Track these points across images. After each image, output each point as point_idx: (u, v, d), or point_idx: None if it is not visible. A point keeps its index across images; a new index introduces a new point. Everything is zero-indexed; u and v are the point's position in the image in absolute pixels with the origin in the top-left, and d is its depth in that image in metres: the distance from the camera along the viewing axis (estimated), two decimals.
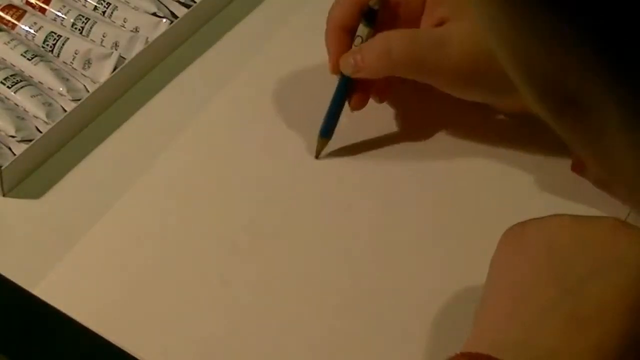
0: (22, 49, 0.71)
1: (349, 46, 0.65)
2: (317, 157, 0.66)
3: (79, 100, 0.68)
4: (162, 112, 0.70)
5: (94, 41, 0.72)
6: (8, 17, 0.74)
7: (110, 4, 0.75)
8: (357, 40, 0.65)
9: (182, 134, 0.69)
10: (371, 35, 0.64)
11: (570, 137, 0.27)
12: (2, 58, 0.71)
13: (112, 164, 0.67)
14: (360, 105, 0.66)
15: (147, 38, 0.73)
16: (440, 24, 0.63)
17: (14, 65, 0.71)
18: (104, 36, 0.72)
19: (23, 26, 0.73)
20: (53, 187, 0.65)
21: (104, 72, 0.71)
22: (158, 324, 0.59)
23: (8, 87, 0.69)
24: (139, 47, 0.72)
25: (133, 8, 0.75)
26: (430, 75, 0.64)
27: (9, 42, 0.71)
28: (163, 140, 0.68)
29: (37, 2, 0.75)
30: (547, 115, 0.27)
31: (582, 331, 0.48)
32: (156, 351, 0.58)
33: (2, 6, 0.74)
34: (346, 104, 0.66)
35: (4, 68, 0.70)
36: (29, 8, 0.75)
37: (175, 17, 0.75)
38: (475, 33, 0.61)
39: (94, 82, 0.70)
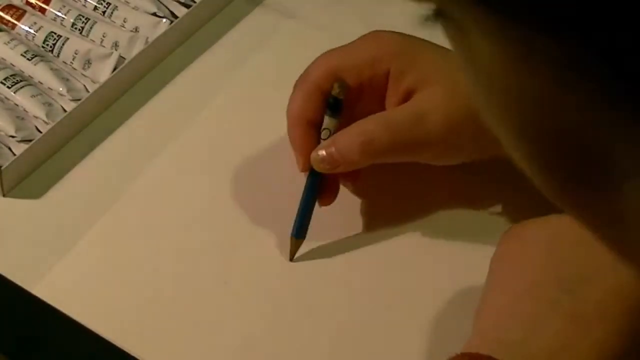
0: (22, 49, 0.71)
1: (316, 140, 0.61)
2: (291, 259, 0.62)
3: (79, 100, 0.68)
4: (162, 112, 0.70)
5: (94, 41, 0.72)
6: (8, 17, 0.74)
7: (110, 4, 0.75)
8: (325, 133, 0.60)
9: (182, 133, 0.69)
10: (337, 125, 0.60)
11: (562, 195, 0.25)
12: (2, 58, 0.71)
13: (112, 163, 0.67)
14: (331, 200, 0.62)
15: (147, 38, 0.73)
16: (408, 96, 0.60)
17: (14, 65, 0.71)
18: (104, 36, 0.72)
19: (23, 26, 0.73)
20: (53, 187, 0.65)
21: (104, 72, 0.71)
22: (158, 324, 0.59)
23: (8, 87, 0.69)
24: (139, 47, 0.72)
25: (133, 8, 0.75)
26: (414, 154, 0.60)
27: (9, 42, 0.71)
28: (163, 140, 0.68)
29: (37, 2, 0.75)
30: (538, 172, 0.25)
31: (583, 331, 0.48)
32: (156, 351, 0.58)
33: (2, 6, 0.74)
34: None
35: (4, 68, 0.70)
36: (29, 8, 0.75)
37: (175, 17, 0.74)
38: (444, 96, 0.58)
39: (94, 82, 0.70)
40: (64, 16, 0.74)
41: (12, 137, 0.66)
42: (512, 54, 0.22)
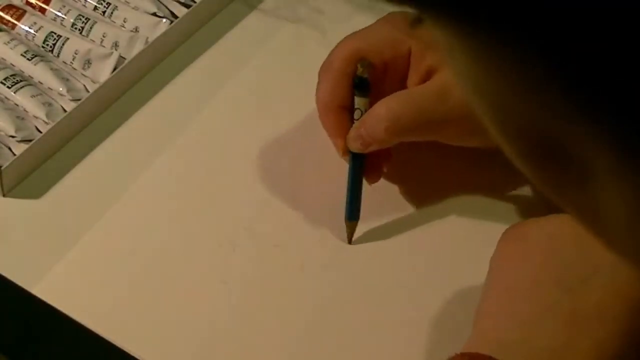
0: (22, 49, 0.71)
1: (349, 123, 0.62)
2: (350, 242, 0.63)
3: (79, 100, 0.68)
4: (162, 112, 0.70)
5: (94, 41, 0.72)
6: (8, 17, 0.74)
7: (110, 4, 0.75)
8: (357, 113, 0.61)
9: (182, 134, 0.69)
10: (368, 103, 0.61)
11: (553, 192, 0.26)
12: (2, 58, 0.71)
13: (112, 164, 0.67)
14: (379, 177, 0.63)
15: (147, 38, 0.73)
16: (429, 75, 0.61)
17: (13, 65, 0.71)
18: (104, 36, 0.72)
19: (23, 26, 0.73)
20: (53, 187, 0.65)
21: (104, 72, 0.71)
22: (158, 324, 0.59)
23: (8, 87, 0.69)
24: (139, 47, 0.72)
25: (133, 8, 0.75)
26: (437, 132, 0.61)
27: (9, 42, 0.71)
28: (163, 140, 0.68)
29: (37, 2, 0.75)
30: (528, 169, 0.26)
31: (583, 331, 0.48)
32: (156, 351, 0.58)
33: (2, 6, 0.74)
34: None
35: (4, 68, 0.70)
36: (29, 8, 0.75)
37: (175, 17, 0.74)
38: None
39: (94, 82, 0.70)
40: (64, 16, 0.74)
41: (12, 137, 0.66)
42: (475, 58, 0.23)
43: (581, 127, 0.21)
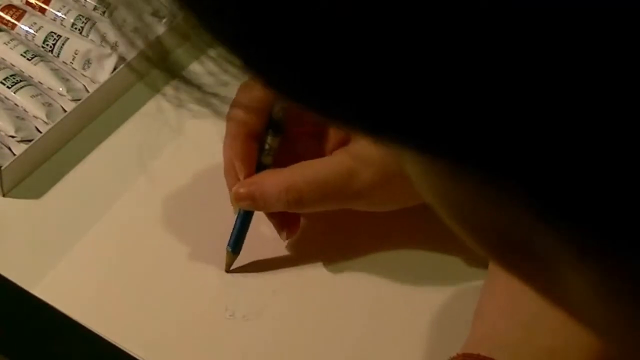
0: (22, 49, 0.71)
1: (256, 154, 0.59)
2: (227, 270, 0.61)
3: (78, 100, 0.68)
4: (162, 113, 0.70)
5: (94, 41, 0.72)
6: (8, 17, 0.74)
7: (110, 4, 0.75)
8: (266, 153, 0.59)
9: (182, 134, 0.69)
10: (279, 142, 0.59)
11: (516, 276, 0.26)
12: (2, 58, 0.71)
13: (112, 164, 0.67)
14: (295, 231, 0.61)
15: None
16: (348, 137, 0.58)
17: (13, 65, 0.71)
18: (104, 36, 0.72)
19: (23, 26, 0.73)
20: (53, 187, 0.65)
21: (104, 72, 0.71)
22: (158, 324, 0.59)
23: (8, 87, 0.69)
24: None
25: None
26: (344, 206, 0.59)
27: (9, 42, 0.71)
28: (163, 140, 0.68)
29: (37, 2, 0.75)
30: (491, 258, 0.26)
31: (582, 330, 0.47)
32: (156, 351, 0.58)
33: (2, 6, 0.74)
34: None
35: (4, 68, 0.70)
36: (29, 8, 0.75)
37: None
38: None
39: (94, 82, 0.70)
40: (64, 16, 0.74)
41: (12, 137, 0.66)
42: (433, 175, 0.24)
43: (545, 235, 0.22)
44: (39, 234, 0.63)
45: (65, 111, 0.68)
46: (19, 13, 0.74)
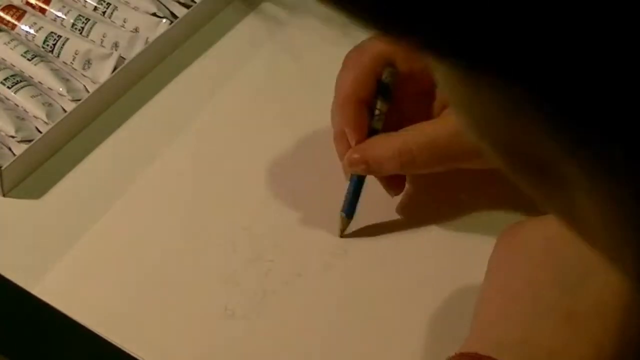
0: (22, 49, 0.71)
1: (367, 120, 0.61)
2: (341, 236, 0.63)
3: (79, 100, 0.68)
4: (162, 112, 0.70)
5: (94, 41, 0.72)
6: (8, 18, 0.74)
7: (110, 4, 0.75)
8: (377, 117, 0.61)
9: (182, 134, 0.69)
10: (388, 107, 0.61)
11: (539, 198, 0.27)
12: (2, 58, 0.71)
13: (112, 164, 0.67)
14: (401, 189, 0.63)
15: (147, 38, 0.73)
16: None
17: (14, 66, 0.71)
18: (104, 36, 0.72)
19: (23, 26, 0.73)
20: (53, 187, 0.66)
21: (104, 72, 0.71)
22: (158, 324, 0.59)
23: (8, 87, 0.69)
24: (139, 47, 0.72)
25: (133, 8, 0.75)
26: (455, 166, 0.61)
27: (9, 42, 0.71)
28: (163, 141, 0.68)
29: (37, 3, 0.75)
30: (516, 178, 0.27)
31: (581, 330, 0.48)
32: (156, 351, 0.58)
33: (2, 6, 0.74)
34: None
35: (4, 68, 0.70)
36: (29, 8, 0.75)
37: (175, 17, 0.75)
38: None
39: (94, 82, 0.70)
40: (64, 16, 0.74)
41: (12, 137, 0.66)
42: (464, 87, 0.24)
43: (559, 151, 0.23)
44: (39, 234, 0.63)
45: (65, 111, 0.68)
46: (19, 13, 0.74)
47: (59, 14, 0.74)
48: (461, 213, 0.64)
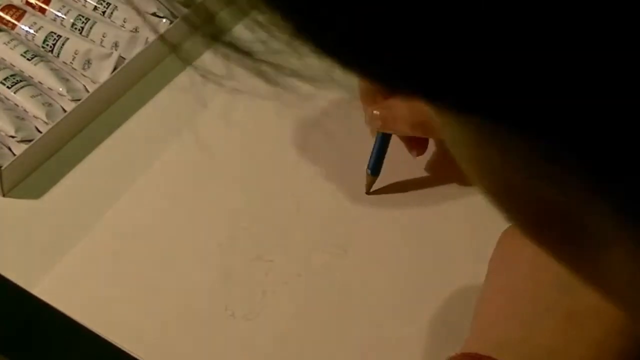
0: (22, 49, 0.71)
1: None
2: (367, 192, 0.65)
3: (78, 100, 0.68)
4: (162, 113, 0.70)
5: (93, 41, 0.72)
6: (8, 17, 0.74)
7: (110, 4, 0.75)
8: None
9: (182, 134, 0.69)
10: None
11: (549, 250, 0.26)
12: (2, 58, 0.71)
13: (111, 164, 0.67)
14: (424, 150, 0.65)
15: (147, 38, 0.73)
16: None
17: (13, 66, 0.71)
18: (103, 36, 0.72)
19: (23, 26, 0.73)
20: (53, 187, 0.66)
21: (103, 72, 0.71)
22: (158, 324, 0.59)
23: (8, 87, 0.69)
24: (139, 47, 0.72)
25: (133, 8, 0.75)
26: None
27: (8, 42, 0.72)
28: (163, 141, 0.68)
29: (37, 2, 0.75)
30: (523, 229, 0.25)
31: (581, 330, 0.48)
32: (156, 351, 0.58)
33: (2, 6, 0.74)
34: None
35: (4, 68, 0.70)
36: (28, 8, 0.75)
37: (176, 17, 0.75)
38: None
39: (94, 82, 0.70)
40: (64, 16, 0.74)
41: (12, 137, 0.66)
42: (475, 141, 0.23)
43: (589, 204, 0.21)
44: (39, 234, 0.63)
45: (65, 111, 0.68)
46: (19, 13, 0.74)
47: (59, 13, 0.74)
48: (463, 213, 0.64)
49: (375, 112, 0.63)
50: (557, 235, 0.24)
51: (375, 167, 0.65)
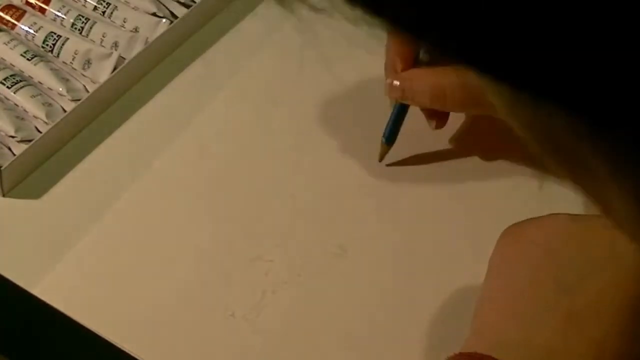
0: (21, 49, 0.71)
1: (413, 52, 0.64)
2: (380, 160, 0.66)
3: (78, 100, 0.68)
4: (162, 113, 0.70)
5: (93, 41, 0.72)
6: (8, 17, 0.74)
7: (110, 4, 0.75)
8: (424, 51, 0.64)
9: (182, 134, 0.69)
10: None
11: (575, 184, 0.27)
12: (2, 58, 0.71)
13: (111, 164, 0.67)
14: (444, 123, 0.66)
15: (147, 38, 0.73)
16: None
17: (13, 66, 0.71)
18: (103, 36, 0.72)
19: (23, 26, 0.73)
20: (53, 187, 0.66)
21: (103, 72, 0.71)
22: (158, 324, 0.59)
23: (8, 87, 0.69)
24: (139, 47, 0.72)
25: (133, 8, 0.75)
26: (485, 111, 0.62)
27: (8, 42, 0.72)
28: (163, 140, 0.68)
29: (37, 2, 0.75)
30: (555, 165, 0.28)
31: (581, 329, 0.48)
32: (156, 351, 0.58)
33: (2, 6, 0.74)
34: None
35: (3, 68, 0.70)
36: (28, 8, 0.75)
37: (175, 17, 0.75)
38: None
39: (94, 82, 0.70)
40: (63, 16, 0.74)
41: (12, 137, 0.66)
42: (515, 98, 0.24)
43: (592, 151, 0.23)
44: (39, 234, 0.63)
45: (65, 111, 0.68)
46: (19, 13, 0.74)
47: (59, 13, 0.74)
48: (463, 213, 0.64)
49: (395, 82, 0.64)
50: (574, 167, 0.26)
51: (390, 136, 0.66)
